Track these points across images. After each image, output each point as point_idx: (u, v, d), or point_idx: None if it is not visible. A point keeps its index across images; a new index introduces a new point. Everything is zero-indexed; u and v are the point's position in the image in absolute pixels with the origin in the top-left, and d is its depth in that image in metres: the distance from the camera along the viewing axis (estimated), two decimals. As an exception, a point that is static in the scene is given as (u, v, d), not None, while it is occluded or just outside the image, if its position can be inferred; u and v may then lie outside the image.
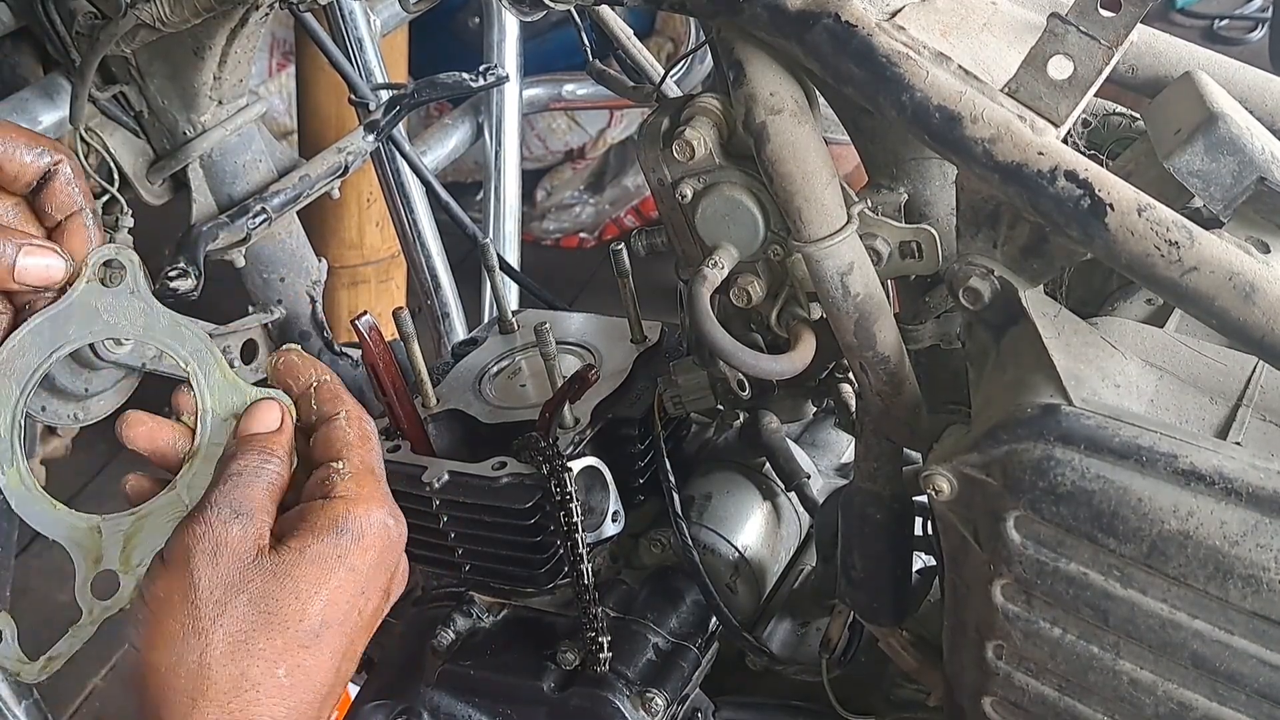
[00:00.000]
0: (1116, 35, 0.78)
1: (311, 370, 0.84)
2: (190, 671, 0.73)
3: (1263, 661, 0.75)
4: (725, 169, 0.92)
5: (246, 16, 1.21)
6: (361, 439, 0.81)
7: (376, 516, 0.78)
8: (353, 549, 0.76)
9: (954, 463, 0.81)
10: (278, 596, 0.74)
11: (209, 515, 0.76)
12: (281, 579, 0.75)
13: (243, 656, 0.73)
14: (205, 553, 0.75)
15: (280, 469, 0.79)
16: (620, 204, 3.25)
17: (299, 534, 0.76)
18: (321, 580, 0.76)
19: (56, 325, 0.79)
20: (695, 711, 1.13)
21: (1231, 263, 0.74)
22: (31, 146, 0.81)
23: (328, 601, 0.76)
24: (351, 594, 0.77)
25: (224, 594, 0.74)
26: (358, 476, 0.79)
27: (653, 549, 1.16)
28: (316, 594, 0.75)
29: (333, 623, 0.76)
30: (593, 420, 1.10)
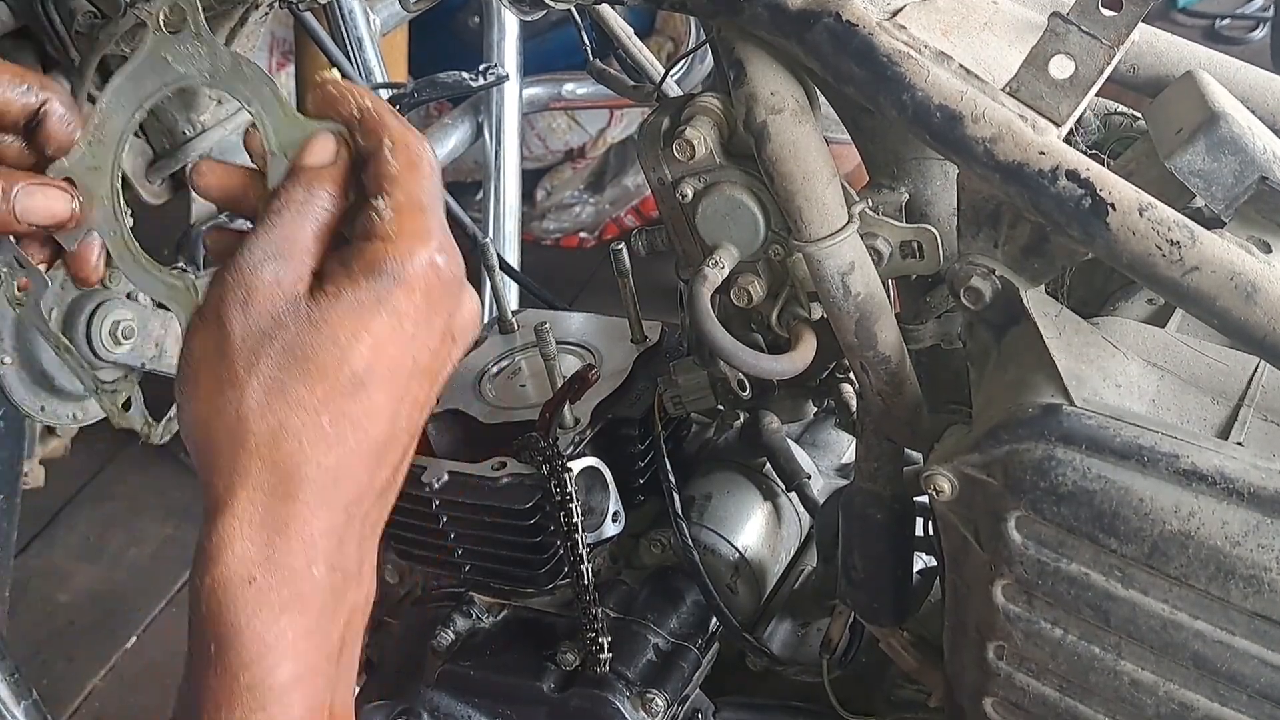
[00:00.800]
0: (1118, 34, 0.78)
1: (350, 99, 0.77)
2: (229, 425, 0.69)
3: (1264, 662, 0.75)
4: (726, 168, 0.92)
5: (246, 16, 1.21)
6: (408, 168, 0.74)
7: (421, 255, 0.71)
8: (395, 291, 0.71)
9: (955, 463, 0.81)
10: (314, 344, 0.70)
11: (242, 259, 0.70)
12: (318, 325, 0.70)
13: (280, 406, 0.69)
14: (237, 301, 0.70)
15: (329, 203, 0.74)
16: (620, 204, 3.24)
17: (335, 278, 0.71)
18: (361, 325, 0.70)
19: (136, 82, 0.80)
20: (695, 712, 1.13)
21: (1233, 262, 0.74)
22: (17, 83, 0.79)
23: (372, 347, 0.70)
24: (400, 339, 0.71)
25: (257, 342, 0.69)
26: (401, 213, 0.72)
27: (653, 549, 1.16)
28: (357, 339, 0.70)
29: (380, 369, 0.71)
30: (593, 420, 1.10)
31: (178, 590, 2.52)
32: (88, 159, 0.81)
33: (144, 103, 0.81)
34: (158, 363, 1.30)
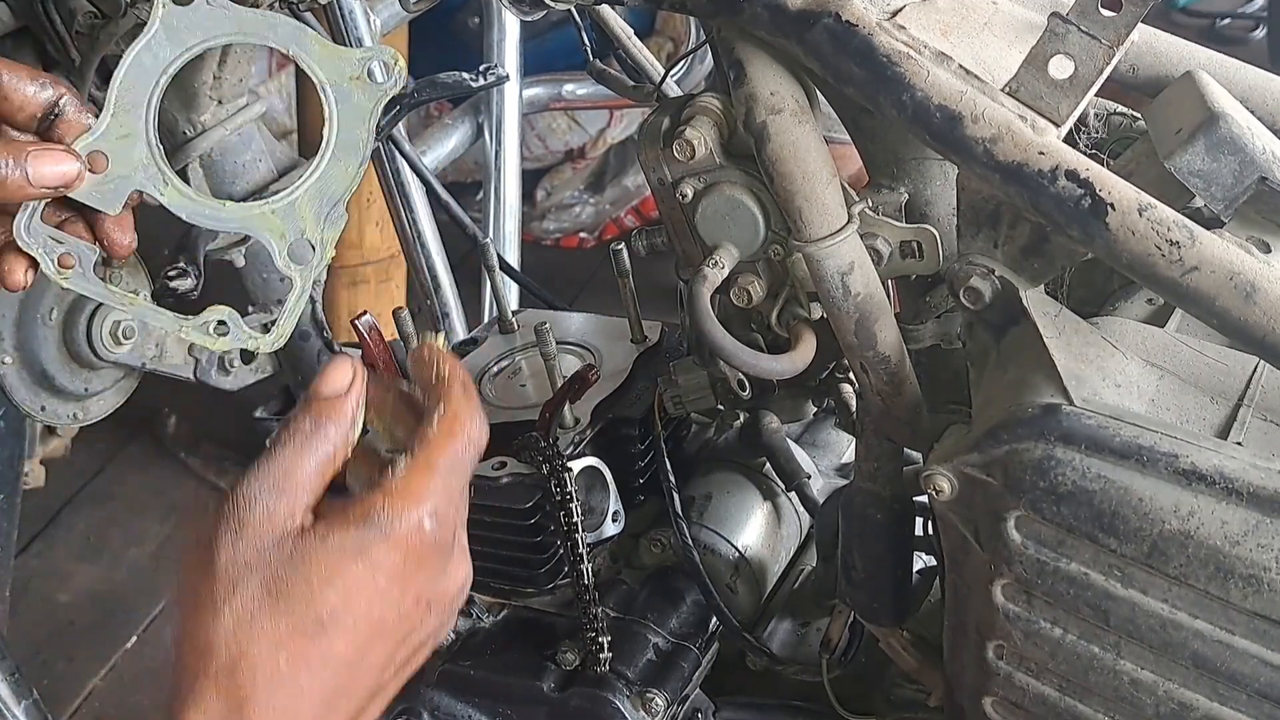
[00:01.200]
0: (1117, 35, 0.78)
1: (435, 365, 0.80)
2: (197, 646, 0.71)
3: (1264, 661, 0.75)
4: (726, 169, 0.92)
5: (246, 16, 1.21)
6: (444, 436, 0.76)
7: (412, 515, 0.73)
8: (376, 544, 0.73)
9: (955, 463, 0.81)
10: (290, 581, 0.71)
11: (241, 490, 0.73)
12: (297, 564, 0.72)
13: (245, 637, 0.71)
14: (229, 531, 0.72)
15: (336, 436, 0.75)
16: (620, 204, 3.24)
17: (329, 521, 0.73)
18: (336, 571, 0.72)
19: (152, 52, 0.84)
20: (695, 712, 1.13)
21: (1232, 262, 0.74)
22: (34, 80, 0.82)
23: (342, 596, 0.72)
24: (371, 593, 0.73)
25: (239, 572, 0.71)
26: (412, 472, 0.75)
27: (653, 549, 1.16)
28: (329, 585, 0.71)
29: (345, 618, 0.72)
30: (593, 420, 1.10)
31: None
32: (114, 130, 0.84)
33: (168, 68, 0.84)
34: (158, 362, 1.30)
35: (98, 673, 2.36)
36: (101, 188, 0.84)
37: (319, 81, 0.86)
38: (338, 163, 0.87)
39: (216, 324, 0.87)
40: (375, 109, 0.86)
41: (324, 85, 0.86)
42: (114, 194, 0.85)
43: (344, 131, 0.86)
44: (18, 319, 1.22)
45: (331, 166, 0.87)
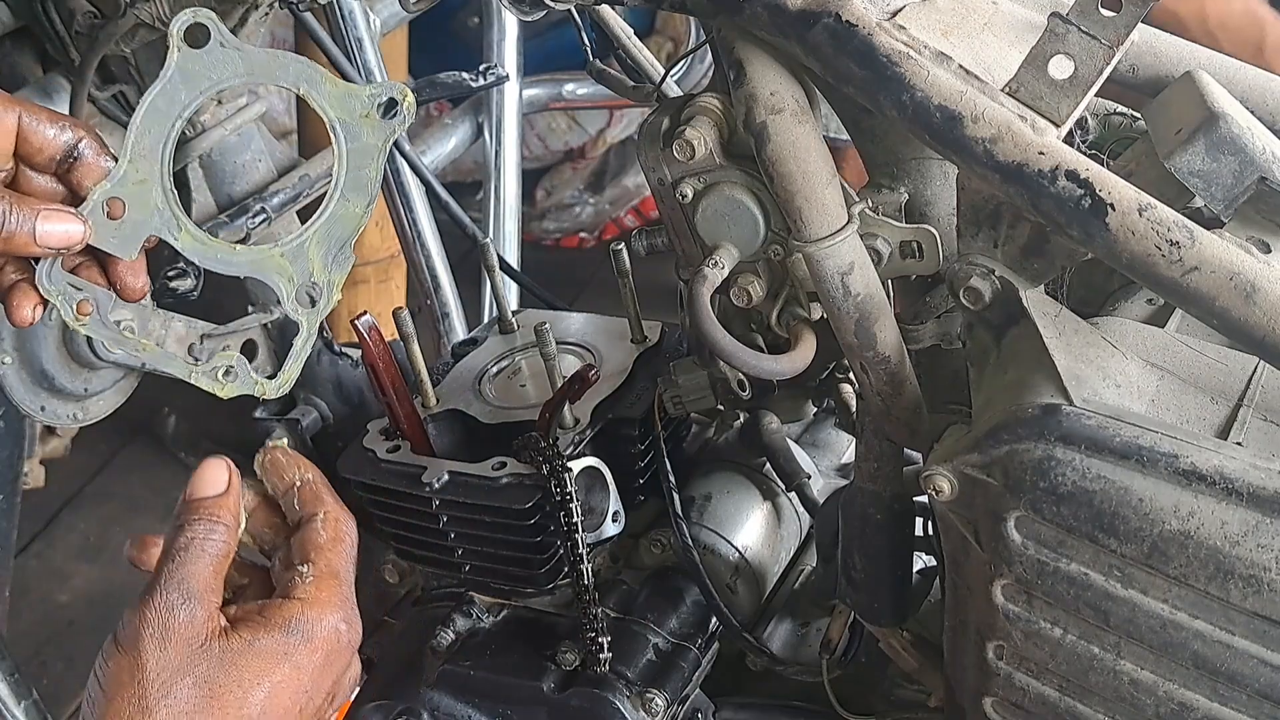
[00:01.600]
0: (1117, 35, 0.78)
1: (295, 469, 0.89)
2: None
3: (1263, 662, 0.75)
4: (726, 169, 0.92)
5: (246, 16, 1.21)
6: (334, 541, 0.85)
7: (329, 620, 0.81)
8: (300, 648, 0.80)
9: (955, 463, 0.81)
10: (222, 682, 0.78)
11: (158, 599, 0.79)
12: (228, 666, 0.78)
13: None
14: (154, 636, 0.78)
15: (225, 537, 0.83)
16: (620, 204, 3.24)
17: (252, 625, 0.80)
18: (265, 672, 0.79)
19: (168, 97, 0.86)
20: (695, 712, 1.13)
21: (1232, 262, 0.74)
22: (54, 122, 0.85)
23: (269, 693, 0.79)
24: (294, 690, 0.80)
25: (170, 676, 0.77)
26: (319, 580, 0.83)
27: (653, 549, 1.16)
28: (259, 684, 0.78)
29: (271, 713, 0.79)
30: (593, 420, 1.10)
31: (178, 590, 2.52)
32: (130, 176, 0.85)
33: (183, 112, 0.86)
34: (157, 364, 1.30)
35: (97, 673, 2.35)
36: (118, 233, 0.86)
37: (329, 120, 0.87)
38: (346, 203, 0.88)
39: (224, 370, 0.91)
40: (384, 147, 0.87)
41: (334, 124, 0.87)
42: (130, 239, 0.86)
43: (353, 171, 0.87)
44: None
45: (340, 207, 0.88)
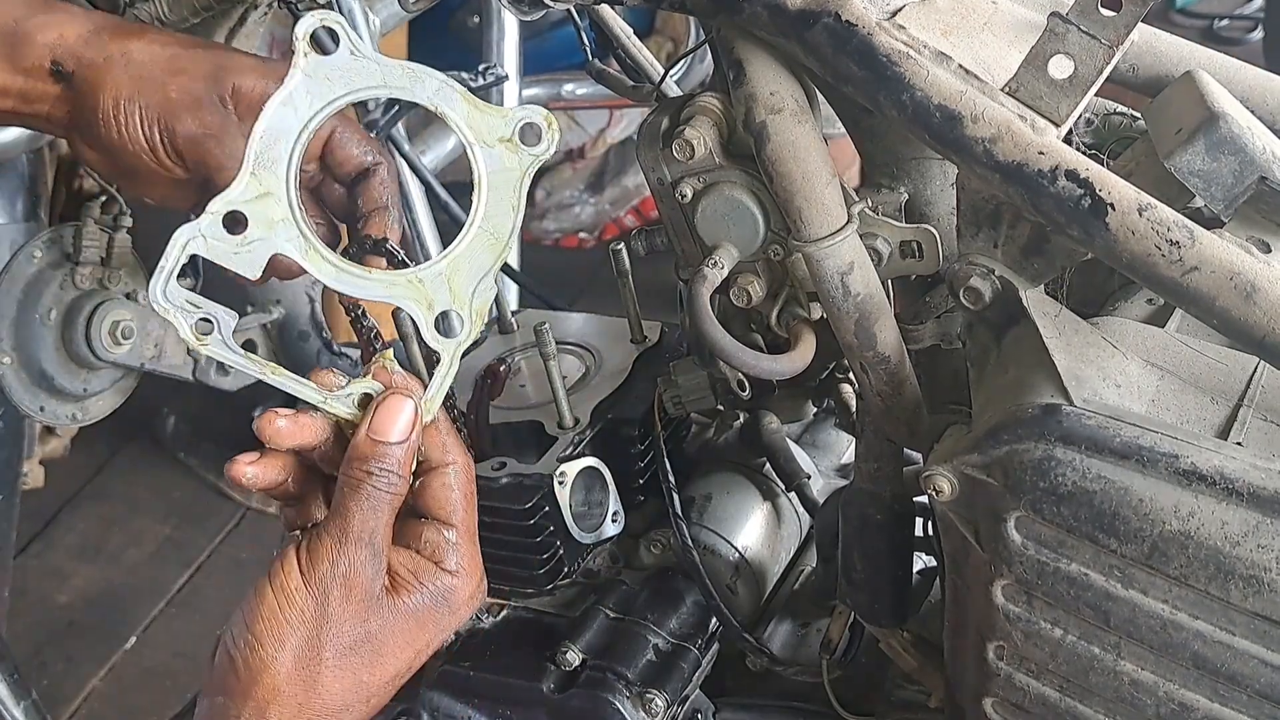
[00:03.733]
0: (1117, 35, 0.78)
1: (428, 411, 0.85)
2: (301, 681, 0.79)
3: (1264, 662, 0.75)
4: (725, 169, 0.92)
5: (245, 15, 1.21)
6: (468, 500, 0.85)
7: (471, 588, 0.84)
8: (447, 617, 0.84)
9: (955, 463, 0.81)
10: (386, 640, 0.81)
11: (351, 553, 0.80)
12: (391, 626, 0.82)
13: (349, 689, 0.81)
14: (340, 586, 0.80)
15: (402, 491, 0.82)
16: (620, 204, 3.24)
17: (409, 588, 0.82)
18: (417, 636, 0.83)
19: (292, 106, 0.80)
20: (695, 712, 1.13)
21: (1232, 262, 0.74)
22: (362, 143, 0.93)
23: (415, 654, 0.84)
24: (430, 650, 0.85)
25: (348, 626, 0.80)
26: (465, 548, 0.84)
27: (653, 549, 1.16)
28: (410, 646, 0.83)
29: (411, 671, 0.84)
30: (593, 420, 1.10)
31: (177, 591, 2.52)
32: (253, 188, 0.80)
33: (309, 123, 0.81)
34: (157, 363, 1.30)
35: (97, 673, 2.36)
36: (240, 249, 0.81)
37: (466, 142, 0.82)
38: (486, 233, 0.82)
39: (361, 397, 0.84)
40: (525, 176, 0.82)
41: (471, 147, 0.82)
42: (253, 258, 0.81)
43: (493, 197, 0.82)
44: (17, 319, 1.22)
45: (480, 235, 0.82)
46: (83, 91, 0.92)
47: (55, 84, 0.92)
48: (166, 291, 0.80)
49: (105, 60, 0.92)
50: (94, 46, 0.92)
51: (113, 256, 1.24)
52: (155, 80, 0.91)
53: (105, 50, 0.92)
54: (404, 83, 0.82)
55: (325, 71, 0.80)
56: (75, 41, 0.92)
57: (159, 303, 0.80)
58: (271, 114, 0.80)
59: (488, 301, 0.83)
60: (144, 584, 2.53)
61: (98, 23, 0.94)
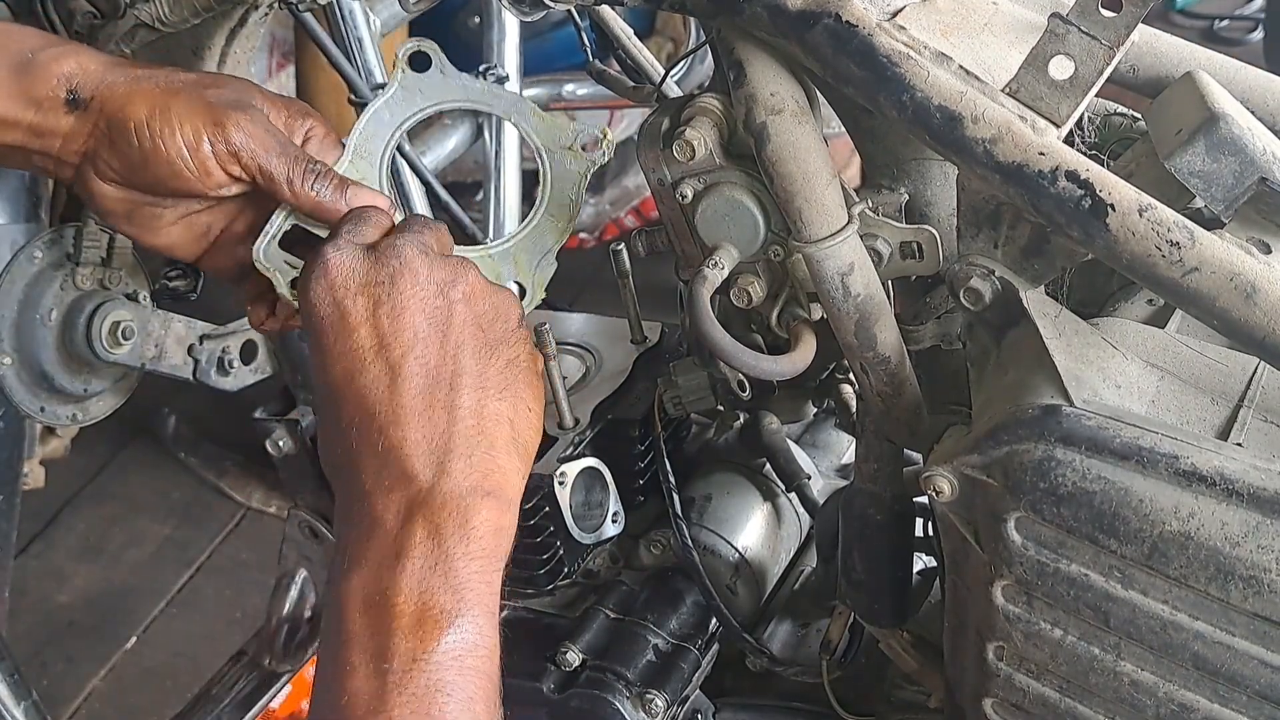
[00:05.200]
0: (1118, 35, 0.78)
1: None
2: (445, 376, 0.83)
3: (1264, 663, 0.75)
4: (726, 169, 0.92)
5: (246, 16, 1.21)
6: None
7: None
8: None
9: (955, 464, 0.81)
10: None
11: (470, 269, 0.88)
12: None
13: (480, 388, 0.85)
14: (462, 289, 0.86)
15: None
16: (620, 204, 3.24)
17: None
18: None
19: (391, 109, 0.97)
20: (695, 713, 1.13)
21: (1233, 263, 0.74)
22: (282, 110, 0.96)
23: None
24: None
25: (470, 334, 0.85)
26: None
27: (653, 550, 1.16)
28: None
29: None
30: (593, 420, 1.10)
31: (178, 590, 2.52)
32: (351, 172, 0.94)
33: (403, 125, 0.97)
34: (157, 363, 1.29)
35: (97, 673, 2.36)
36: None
37: (535, 146, 0.98)
38: (550, 219, 0.98)
39: None
40: (585, 175, 0.98)
41: (540, 150, 0.97)
42: None
43: (556, 192, 0.98)
44: (17, 319, 1.22)
45: (545, 221, 0.98)
46: (107, 112, 0.91)
47: (69, 114, 0.91)
48: (267, 252, 0.91)
49: (130, 80, 0.92)
50: (115, 72, 0.92)
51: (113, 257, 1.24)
52: (189, 90, 0.92)
53: (128, 73, 0.92)
54: (483, 98, 0.98)
55: (418, 85, 0.96)
56: (94, 70, 0.92)
57: (260, 261, 0.91)
58: (370, 115, 0.96)
59: (548, 275, 0.98)
60: (144, 584, 2.53)
61: (116, 59, 0.94)
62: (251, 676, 1.62)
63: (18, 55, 0.92)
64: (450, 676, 0.75)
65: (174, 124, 0.90)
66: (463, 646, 0.77)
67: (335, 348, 0.83)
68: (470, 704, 0.76)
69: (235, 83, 0.95)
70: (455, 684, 0.75)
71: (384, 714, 0.73)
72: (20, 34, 0.94)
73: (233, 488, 2.72)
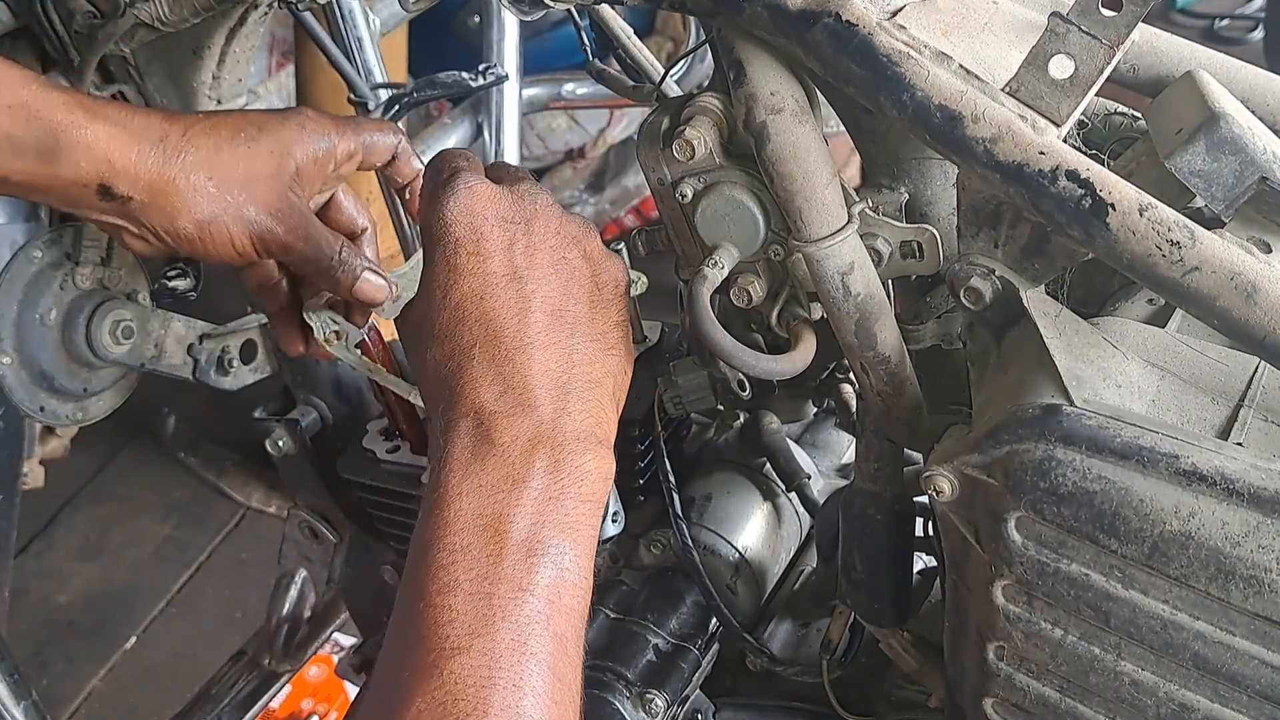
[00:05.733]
0: (1118, 35, 0.78)
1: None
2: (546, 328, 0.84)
3: (1264, 663, 0.75)
4: (726, 169, 0.92)
5: (245, 15, 1.21)
6: None
7: None
8: None
9: (955, 463, 0.81)
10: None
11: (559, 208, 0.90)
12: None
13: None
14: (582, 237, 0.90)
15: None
16: (620, 204, 3.24)
17: None
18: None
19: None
20: (695, 712, 1.13)
21: (1233, 263, 0.74)
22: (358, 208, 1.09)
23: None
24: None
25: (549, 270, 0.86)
26: None
27: (653, 550, 1.16)
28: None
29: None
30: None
31: (177, 590, 2.52)
32: (411, 275, 1.02)
33: None
34: (157, 363, 1.29)
35: (97, 673, 2.36)
36: (393, 306, 1.04)
37: None
38: None
39: None
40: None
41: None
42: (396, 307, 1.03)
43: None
44: (17, 319, 1.22)
45: None
46: (149, 214, 0.93)
47: (102, 200, 0.92)
48: (316, 311, 1.04)
49: (168, 184, 0.93)
50: (150, 166, 0.92)
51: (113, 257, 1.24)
52: (230, 196, 0.95)
53: (164, 171, 0.93)
54: None
55: None
56: (125, 164, 0.92)
57: (309, 315, 1.04)
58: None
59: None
60: (144, 584, 2.53)
61: (143, 132, 0.93)
62: (251, 676, 1.62)
63: (42, 132, 0.90)
64: (550, 611, 0.75)
65: (221, 241, 0.96)
66: (565, 584, 0.76)
67: (466, 266, 0.83)
68: (563, 641, 0.75)
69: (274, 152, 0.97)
70: (554, 619, 0.75)
71: (486, 637, 0.72)
72: (39, 100, 0.91)
73: (232, 487, 2.72)
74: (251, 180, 0.96)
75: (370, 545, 1.37)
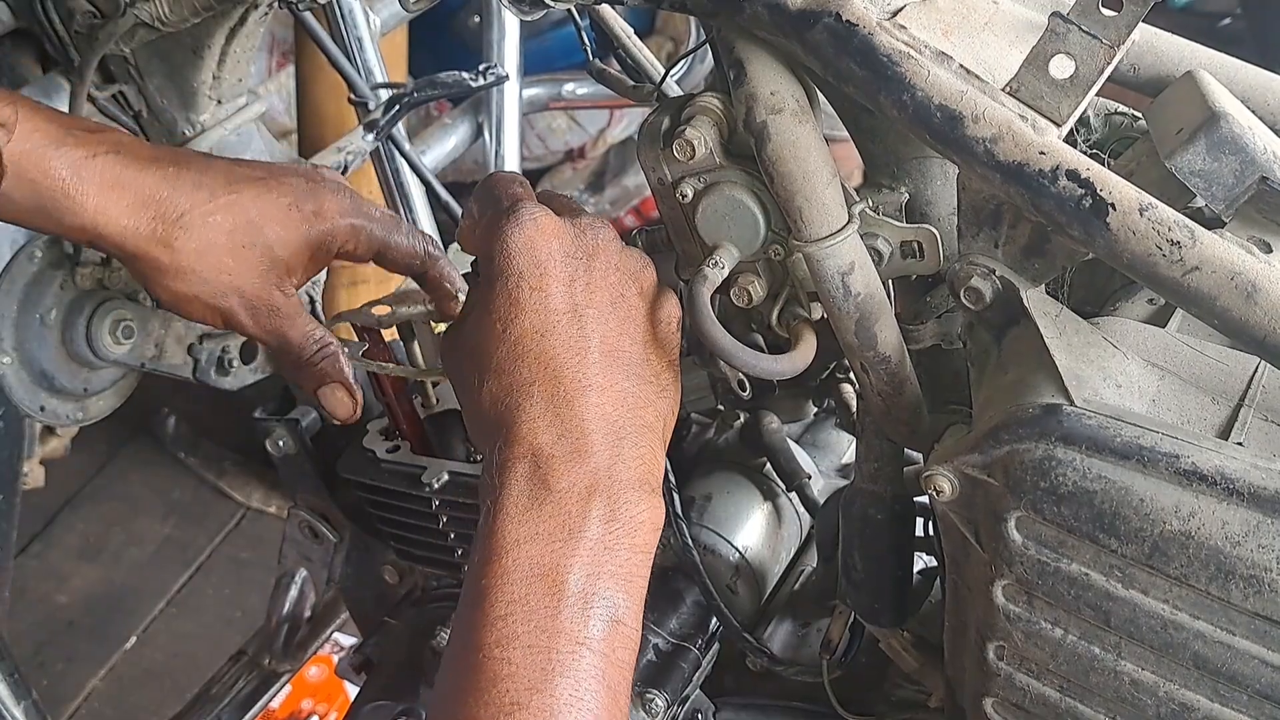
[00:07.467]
0: (1118, 34, 0.78)
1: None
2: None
3: (1264, 662, 0.75)
4: (726, 168, 0.92)
5: (246, 15, 1.21)
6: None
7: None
8: None
9: (955, 463, 0.81)
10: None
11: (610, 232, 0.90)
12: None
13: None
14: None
15: None
16: (620, 204, 3.24)
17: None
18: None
19: None
20: (696, 712, 1.13)
21: (1233, 262, 0.74)
22: (418, 238, 1.07)
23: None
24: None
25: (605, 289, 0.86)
26: None
27: (653, 549, 1.15)
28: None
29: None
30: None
31: (177, 590, 2.52)
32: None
33: None
34: (157, 363, 1.29)
35: (97, 673, 2.36)
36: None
37: None
38: None
39: None
40: None
41: None
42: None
43: None
44: (17, 319, 1.22)
45: None
46: (130, 270, 0.97)
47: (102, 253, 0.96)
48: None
49: (154, 261, 0.94)
50: (137, 243, 0.93)
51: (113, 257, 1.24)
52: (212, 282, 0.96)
53: (149, 249, 0.94)
54: None
55: None
56: (112, 234, 0.93)
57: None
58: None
59: None
60: (144, 584, 2.53)
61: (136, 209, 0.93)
62: (251, 676, 1.62)
63: (49, 192, 0.91)
64: (605, 665, 0.75)
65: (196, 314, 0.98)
66: (619, 636, 0.76)
67: (529, 300, 0.82)
68: (615, 694, 0.75)
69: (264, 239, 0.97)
70: (608, 673, 0.75)
71: (545, 694, 0.72)
72: (29, 161, 0.91)
73: (232, 487, 2.72)
74: (238, 274, 0.96)
75: (370, 545, 1.37)
